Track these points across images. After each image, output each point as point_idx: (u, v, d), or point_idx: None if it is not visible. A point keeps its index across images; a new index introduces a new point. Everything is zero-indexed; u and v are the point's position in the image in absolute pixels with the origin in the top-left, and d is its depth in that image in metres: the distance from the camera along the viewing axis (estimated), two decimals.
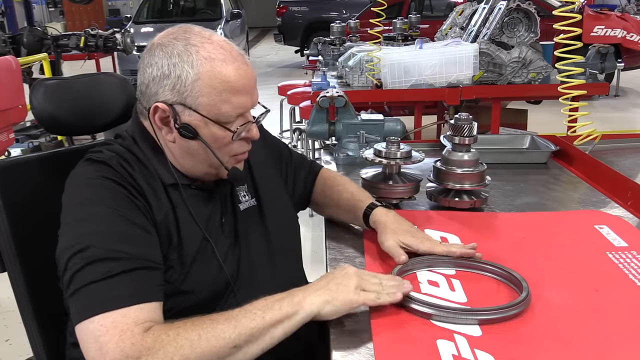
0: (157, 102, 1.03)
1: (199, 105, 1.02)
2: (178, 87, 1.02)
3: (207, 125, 1.03)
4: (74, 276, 0.91)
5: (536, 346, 0.89)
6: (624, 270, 1.12)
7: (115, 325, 0.86)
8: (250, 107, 1.07)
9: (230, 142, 1.07)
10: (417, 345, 0.88)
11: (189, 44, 1.03)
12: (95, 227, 0.95)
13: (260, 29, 17.95)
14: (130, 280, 0.92)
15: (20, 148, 4.56)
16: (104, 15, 17.41)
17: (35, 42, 5.14)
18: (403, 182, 1.46)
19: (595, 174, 1.66)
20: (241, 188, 1.20)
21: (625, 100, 7.35)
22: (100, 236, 0.94)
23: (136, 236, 0.97)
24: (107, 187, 1.00)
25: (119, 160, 1.05)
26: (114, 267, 0.91)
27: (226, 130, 1.05)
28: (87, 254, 0.92)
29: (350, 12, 9.82)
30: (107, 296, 0.89)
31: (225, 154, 1.08)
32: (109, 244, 0.94)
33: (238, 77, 1.03)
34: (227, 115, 1.04)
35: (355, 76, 3.40)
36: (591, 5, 10.30)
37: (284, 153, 1.36)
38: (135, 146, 1.09)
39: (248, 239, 1.16)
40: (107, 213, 0.97)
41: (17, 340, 2.58)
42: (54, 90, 1.28)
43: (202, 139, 1.04)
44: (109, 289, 0.90)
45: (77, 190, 1.03)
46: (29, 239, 1.20)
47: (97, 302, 0.89)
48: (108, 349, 0.85)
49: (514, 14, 3.19)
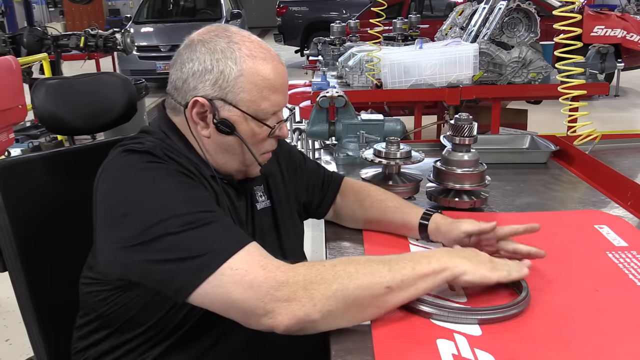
0: (197, 97, 1.04)
1: (239, 101, 1.04)
2: (220, 83, 1.03)
3: (246, 121, 1.06)
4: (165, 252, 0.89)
5: (536, 346, 0.89)
6: (623, 270, 1.12)
7: (251, 264, 0.87)
8: (283, 106, 1.11)
9: (264, 139, 1.10)
10: (417, 344, 0.89)
11: (232, 41, 1.05)
12: (164, 201, 0.93)
13: (260, 29, 17.93)
14: (228, 228, 0.94)
15: (20, 148, 4.56)
16: (104, 15, 17.41)
17: (35, 42, 5.14)
18: (403, 182, 1.46)
19: (595, 174, 1.66)
20: (258, 188, 1.21)
21: (625, 100, 7.35)
22: (174, 207, 0.92)
23: (205, 197, 1.00)
24: (157, 167, 0.99)
25: (162, 150, 1.03)
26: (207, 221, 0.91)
27: (263, 127, 1.08)
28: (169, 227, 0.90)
29: (350, 12, 9.81)
30: (222, 244, 0.89)
31: (258, 151, 1.10)
32: (186, 209, 0.92)
33: (277, 75, 1.06)
34: (265, 112, 1.07)
35: (355, 76, 3.40)
36: (591, 5, 10.30)
37: (298, 159, 1.35)
38: (169, 140, 1.09)
39: (264, 239, 1.16)
40: (167, 184, 0.96)
41: (17, 340, 2.58)
42: (56, 90, 1.29)
43: (239, 134, 1.06)
44: (216, 240, 0.90)
45: (123, 180, 0.99)
46: (29, 238, 1.21)
47: (212, 255, 0.88)
48: (260, 283, 0.86)
49: (514, 14, 3.19)
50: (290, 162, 1.31)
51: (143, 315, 1.03)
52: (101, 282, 1.04)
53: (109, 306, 1.04)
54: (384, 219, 1.29)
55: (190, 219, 0.91)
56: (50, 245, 1.18)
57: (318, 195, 1.34)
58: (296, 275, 0.87)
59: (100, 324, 1.09)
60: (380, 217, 1.29)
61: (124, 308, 1.03)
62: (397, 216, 1.27)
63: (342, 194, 1.35)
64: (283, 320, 0.86)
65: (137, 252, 0.92)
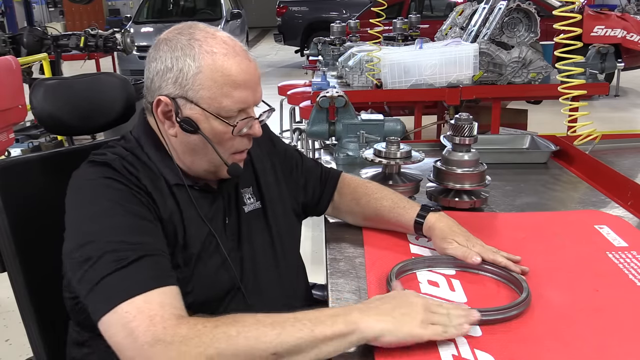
0: (160, 96, 1.04)
1: (200, 98, 1.02)
2: (180, 80, 1.02)
3: (207, 120, 1.03)
4: (85, 274, 0.90)
5: (536, 346, 0.89)
6: (624, 270, 1.12)
7: (141, 311, 0.84)
8: (252, 103, 1.07)
9: (231, 138, 1.06)
10: (417, 345, 0.88)
11: (193, 38, 1.03)
12: (99, 224, 0.95)
13: (260, 29, 17.95)
14: (143, 267, 0.91)
15: (20, 148, 4.56)
16: (104, 15, 17.41)
17: (35, 42, 5.14)
18: (403, 182, 1.46)
19: (595, 174, 1.66)
20: (246, 190, 1.19)
21: (625, 100, 7.35)
22: (105, 231, 0.94)
23: (141, 226, 0.97)
24: (109, 185, 1.00)
25: (122, 162, 1.04)
26: (125, 258, 0.90)
27: (227, 125, 1.04)
28: (94, 251, 0.91)
29: (350, 12, 9.81)
30: (125, 285, 0.88)
31: (226, 151, 1.08)
32: (114, 237, 0.93)
33: (239, 71, 1.03)
34: (228, 110, 1.03)
35: (355, 76, 3.40)
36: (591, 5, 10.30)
37: (294, 158, 1.34)
38: (139, 148, 1.09)
39: (252, 241, 1.16)
40: (108, 208, 0.97)
41: (17, 340, 2.58)
42: (55, 90, 1.29)
43: (203, 133, 1.04)
44: (124, 278, 0.89)
45: (79, 192, 1.02)
46: (29, 239, 1.21)
47: (115, 292, 0.87)
48: (138, 334, 0.82)
49: (514, 14, 3.19)
50: (285, 162, 1.31)
51: None
52: (67, 288, 1.07)
53: (80, 311, 1.04)
54: (379, 218, 1.29)
55: (112, 248, 0.91)
56: (50, 245, 1.17)
57: (317, 193, 1.34)
58: (174, 335, 0.81)
59: (81, 328, 1.10)
60: (375, 216, 1.30)
61: None
62: (391, 216, 1.27)
63: (339, 191, 1.35)
64: None
65: (70, 266, 0.95)
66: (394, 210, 1.27)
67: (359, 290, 1.08)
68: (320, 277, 1.43)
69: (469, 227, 1.33)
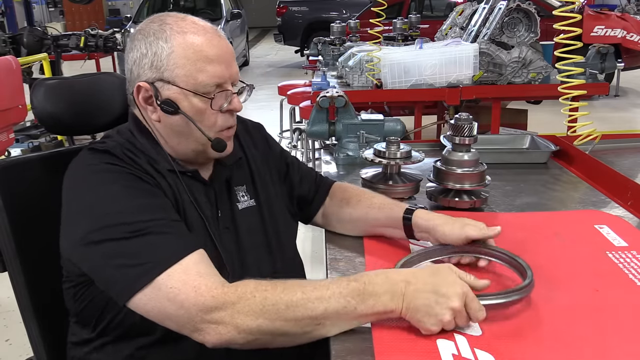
0: (139, 82, 1.06)
1: (176, 77, 1.04)
2: (155, 64, 1.05)
3: (186, 98, 1.05)
4: (109, 256, 0.93)
5: (536, 346, 0.89)
6: (624, 270, 1.12)
7: (185, 282, 0.89)
8: (228, 78, 1.08)
9: (213, 114, 1.08)
10: (417, 344, 0.88)
11: (164, 23, 1.07)
12: (113, 206, 0.96)
13: (260, 29, 17.95)
14: (169, 238, 0.94)
15: (20, 148, 4.56)
16: (104, 15, 17.41)
17: (35, 42, 5.14)
18: (403, 182, 1.46)
19: (595, 174, 1.66)
20: (240, 188, 1.20)
21: (625, 100, 7.35)
22: (122, 213, 0.95)
23: (154, 204, 0.99)
24: (113, 170, 1.01)
25: (122, 149, 1.06)
26: (147, 233, 0.93)
27: (205, 100, 1.06)
28: (114, 232, 0.93)
29: (350, 12, 9.81)
30: (157, 257, 0.91)
31: (210, 129, 1.08)
32: (132, 217, 0.95)
33: (211, 46, 1.05)
34: (204, 85, 1.05)
35: (355, 76, 3.40)
36: (591, 5, 10.30)
37: (290, 158, 1.34)
38: (134, 138, 1.11)
39: (246, 238, 1.16)
40: (119, 189, 0.98)
41: (17, 340, 2.58)
42: (55, 90, 1.29)
43: (183, 112, 1.05)
44: (154, 251, 0.92)
45: (81, 178, 1.03)
46: (29, 238, 1.21)
47: (149, 266, 0.90)
48: (189, 306, 0.88)
49: (514, 14, 3.19)
50: (281, 161, 1.31)
51: (110, 310, 1.04)
52: (68, 278, 1.08)
53: (79, 302, 1.07)
54: (369, 216, 1.26)
55: (133, 228, 0.93)
56: (50, 245, 1.17)
57: (311, 192, 1.34)
58: (225, 303, 0.88)
59: (79, 321, 1.11)
60: (365, 215, 1.27)
61: (92, 304, 1.05)
62: (381, 213, 1.25)
63: (331, 195, 1.34)
64: (211, 339, 0.90)
65: (85, 252, 0.96)
66: (385, 206, 1.25)
67: None
68: (320, 277, 1.43)
69: None
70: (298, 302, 0.88)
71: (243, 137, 1.26)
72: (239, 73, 1.12)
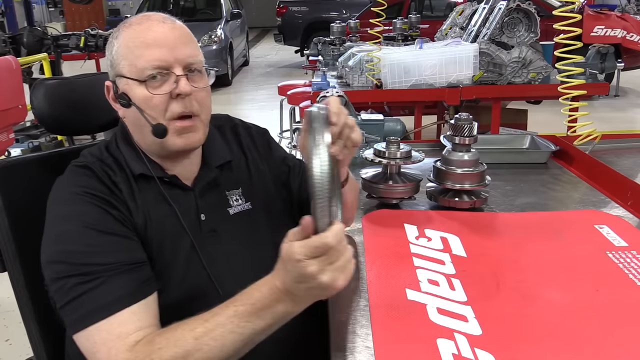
0: (106, 82, 1.10)
1: (122, 68, 1.06)
2: (112, 61, 1.08)
3: (132, 87, 1.05)
4: (58, 291, 0.96)
5: (536, 345, 0.89)
6: (624, 270, 1.12)
7: (104, 342, 0.91)
8: (173, 62, 1.04)
9: (162, 102, 1.04)
10: (417, 344, 0.89)
11: (123, 24, 1.10)
12: (70, 244, 0.98)
13: (260, 29, 17.95)
14: (112, 288, 0.94)
15: (20, 148, 4.56)
16: (104, 15, 17.41)
17: (35, 42, 5.14)
18: (403, 182, 1.46)
19: (595, 174, 1.66)
20: (234, 192, 1.17)
21: (625, 100, 7.35)
22: (75, 252, 0.97)
23: (108, 244, 0.99)
24: (83, 202, 1.01)
25: (101, 165, 1.07)
26: (94, 279, 0.94)
27: (149, 87, 1.04)
28: (64, 271, 0.96)
29: (350, 12, 9.81)
30: (95, 307, 0.93)
31: (160, 116, 1.05)
32: (81, 259, 0.96)
33: (149, 31, 1.05)
34: (144, 70, 1.04)
35: (355, 76, 3.40)
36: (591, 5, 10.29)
37: (292, 166, 1.31)
38: (114, 144, 1.12)
39: (238, 242, 1.14)
40: (79, 228, 0.99)
41: (17, 340, 2.58)
42: (55, 90, 1.29)
43: (134, 102, 1.05)
44: (95, 300, 0.93)
45: (57, 203, 1.05)
46: (29, 238, 1.20)
47: (83, 315, 0.93)
48: None
49: (514, 14, 3.19)
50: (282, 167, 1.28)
51: None
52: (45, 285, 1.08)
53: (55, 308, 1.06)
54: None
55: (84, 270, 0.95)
56: None
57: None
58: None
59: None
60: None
61: None
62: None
63: None
64: None
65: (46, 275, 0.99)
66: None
67: (359, 290, 1.09)
68: None
69: (469, 227, 1.34)
70: (193, 349, 0.87)
71: (245, 140, 1.24)
72: (195, 56, 1.07)
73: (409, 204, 1.49)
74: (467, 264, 1.15)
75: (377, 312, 0.99)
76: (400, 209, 1.48)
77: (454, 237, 1.27)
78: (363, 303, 1.04)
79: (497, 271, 1.12)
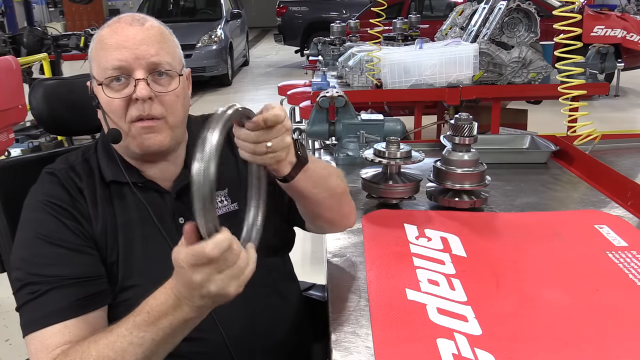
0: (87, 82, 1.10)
1: (93, 70, 1.07)
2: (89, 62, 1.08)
3: (98, 90, 1.05)
4: (15, 295, 1.00)
5: (536, 345, 0.89)
6: (624, 270, 1.12)
7: (36, 352, 0.94)
8: (135, 65, 1.01)
9: (122, 105, 1.02)
10: (417, 344, 0.88)
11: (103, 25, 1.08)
12: (25, 253, 1.01)
13: (260, 29, 17.94)
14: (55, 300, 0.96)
15: (20, 148, 4.56)
16: (104, 15, 17.39)
17: (35, 42, 5.14)
18: (403, 182, 1.46)
19: (595, 174, 1.66)
20: (218, 193, 1.14)
21: (625, 100, 7.35)
22: (28, 261, 1.00)
23: (55, 256, 1.00)
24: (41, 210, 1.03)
25: (68, 173, 1.07)
26: (37, 290, 0.96)
27: (109, 89, 1.03)
28: (18, 278, 0.99)
29: (350, 12, 9.80)
30: (36, 316, 0.95)
31: (122, 119, 1.04)
32: (30, 268, 0.98)
33: (112, 34, 1.04)
34: (104, 71, 1.03)
35: (355, 76, 3.40)
36: (591, 5, 10.29)
37: None
38: (93, 148, 1.12)
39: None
40: (32, 237, 1.01)
41: (17, 340, 2.58)
42: (54, 91, 1.28)
43: (100, 105, 1.05)
44: (38, 309, 0.96)
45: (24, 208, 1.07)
46: None
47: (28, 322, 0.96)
48: None
49: (514, 14, 3.19)
50: None
51: None
52: None
53: None
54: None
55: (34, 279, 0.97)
56: None
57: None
58: None
59: None
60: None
61: None
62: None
63: None
64: None
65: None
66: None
67: (359, 290, 1.09)
68: (320, 277, 1.43)
69: (469, 227, 1.34)
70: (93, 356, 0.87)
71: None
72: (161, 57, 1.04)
73: (409, 204, 1.49)
74: (467, 264, 1.15)
75: (377, 312, 0.99)
76: (400, 209, 1.48)
77: (454, 237, 1.27)
78: (363, 303, 1.04)
79: (497, 271, 1.12)
